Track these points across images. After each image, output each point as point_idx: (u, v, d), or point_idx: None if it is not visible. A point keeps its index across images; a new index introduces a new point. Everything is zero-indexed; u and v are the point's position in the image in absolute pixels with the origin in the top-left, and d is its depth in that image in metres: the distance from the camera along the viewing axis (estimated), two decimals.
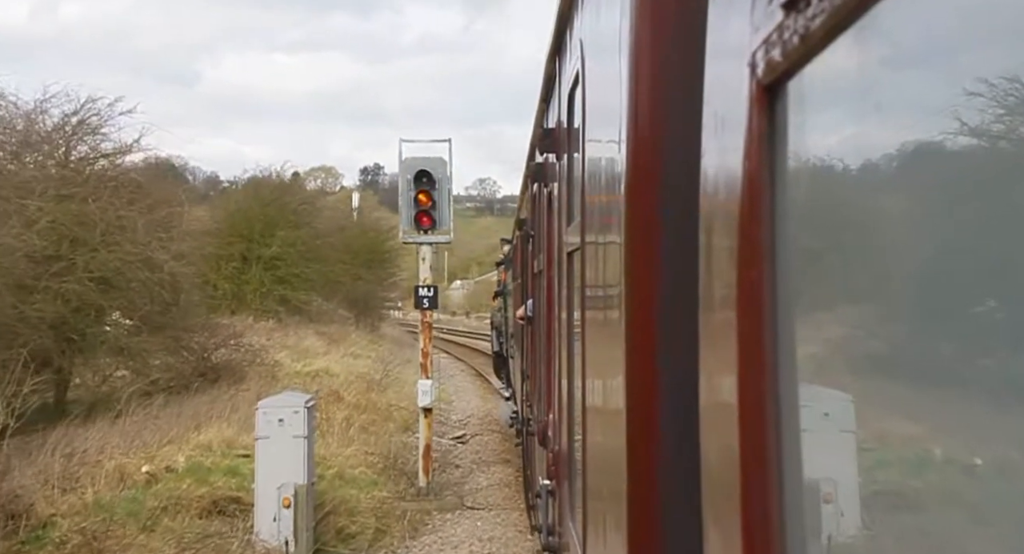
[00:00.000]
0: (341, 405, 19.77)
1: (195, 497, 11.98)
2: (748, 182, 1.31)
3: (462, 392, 29.01)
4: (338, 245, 40.93)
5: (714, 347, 1.53)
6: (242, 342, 24.74)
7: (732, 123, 1.39)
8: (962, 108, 0.86)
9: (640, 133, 2.13)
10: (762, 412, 1.25)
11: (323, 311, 39.28)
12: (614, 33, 2.38)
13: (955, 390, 0.93)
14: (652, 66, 2.10)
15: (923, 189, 1.01)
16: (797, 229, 1.24)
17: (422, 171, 13.85)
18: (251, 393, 20.58)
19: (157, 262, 20.39)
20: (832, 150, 1.18)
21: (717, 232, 1.51)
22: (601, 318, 2.71)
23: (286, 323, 33.95)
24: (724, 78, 1.49)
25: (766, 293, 1.25)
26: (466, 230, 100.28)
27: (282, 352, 28.51)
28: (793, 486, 1.21)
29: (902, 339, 1.04)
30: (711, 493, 1.56)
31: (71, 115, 21.94)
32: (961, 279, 0.92)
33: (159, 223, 21.43)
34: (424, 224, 13.92)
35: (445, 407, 25.79)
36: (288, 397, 12.08)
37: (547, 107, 5.86)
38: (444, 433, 21.26)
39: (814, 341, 1.25)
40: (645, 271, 2.08)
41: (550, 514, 4.72)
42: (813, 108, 1.21)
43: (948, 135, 0.90)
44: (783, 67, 1.19)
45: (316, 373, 26.06)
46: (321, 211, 42.16)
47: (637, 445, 2.08)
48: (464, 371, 36.44)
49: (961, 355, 0.92)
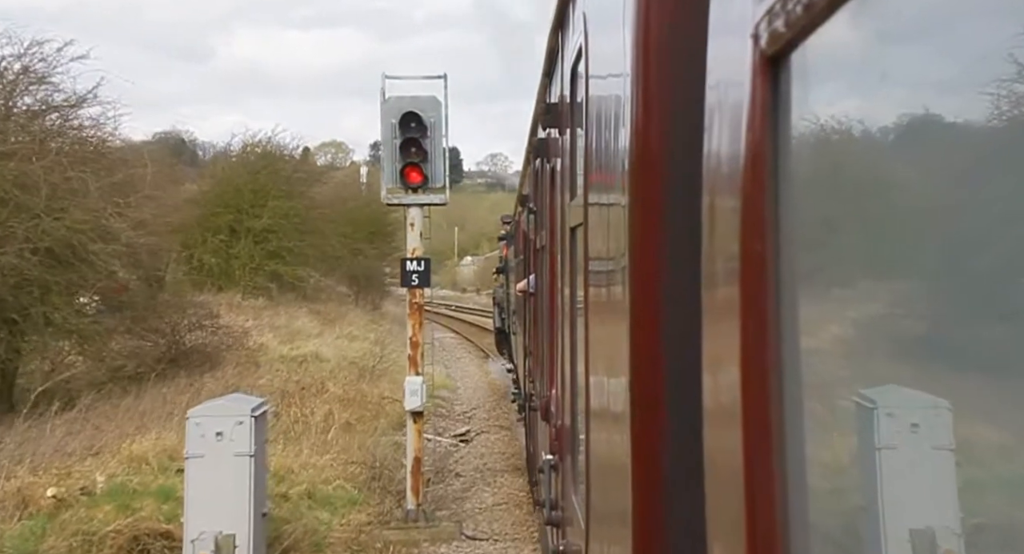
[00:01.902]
0: (324, 398, 17.01)
1: (111, 532, 9.23)
2: (751, 154, 1.32)
3: (468, 379, 26.19)
4: (338, 217, 37.94)
5: (717, 320, 1.54)
6: (219, 323, 21.92)
7: (735, 95, 1.40)
8: (968, 78, 0.87)
9: (644, 106, 2.11)
10: (765, 384, 1.26)
11: (320, 288, 36.43)
12: (618, 5, 2.35)
13: None
14: (656, 38, 2.09)
15: (929, 160, 1.00)
16: (800, 201, 1.24)
17: (410, 114, 10.94)
18: (220, 384, 17.85)
19: (113, 232, 17.59)
20: (836, 121, 1.18)
21: (720, 205, 1.52)
22: (605, 292, 2.70)
23: (278, 301, 31.17)
24: (727, 50, 1.50)
25: (770, 265, 1.26)
26: (478, 206, 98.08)
27: (269, 334, 25.81)
28: (795, 453, 1.22)
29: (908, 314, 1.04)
30: (714, 464, 1.57)
31: (12, 60, 18.95)
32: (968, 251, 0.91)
33: (116, 187, 18.55)
34: (412, 181, 11.03)
35: (448, 396, 23.14)
36: (230, 403, 9.21)
37: (550, 81, 5.80)
38: (444, 429, 18.49)
39: (816, 315, 1.24)
40: (649, 245, 2.07)
41: (553, 488, 4.70)
42: (817, 79, 1.21)
43: (954, 105, 0.90)
44: (787, 38, 1.20)
45: (303, 358, 23.40)
46: (319, 179, 39.18)
47: (641, 418, 2.08)
48: (472, 353, 33.61)
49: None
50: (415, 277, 11.21)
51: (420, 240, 11.31)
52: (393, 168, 11.03)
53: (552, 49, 5.31)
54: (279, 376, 19.62)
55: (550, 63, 5.58)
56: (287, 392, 17.27)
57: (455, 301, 65.75)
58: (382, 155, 11.18)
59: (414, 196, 11.19)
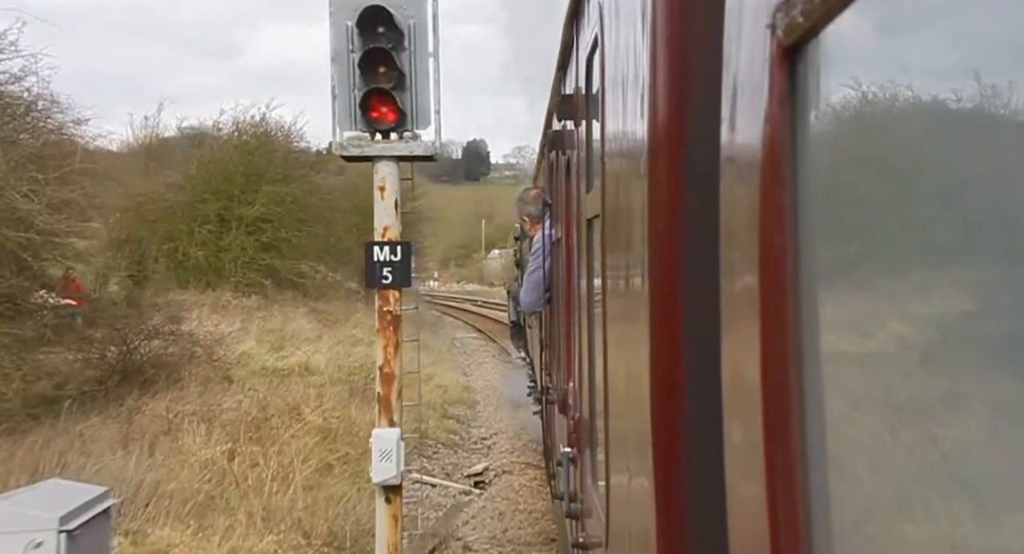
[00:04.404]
0: (296, 431, 12.97)
1: None
2: (769, 146, 1.31)
3: (490, 391, 21.98)
4: (346, 206, 33.78)
5: (736, 312, 1.53)
6: (182, 330, 17.84)
7: (753, 86, 1.39)
8: (992, 67, 0.85)
9: (662, 97, 2.09)
10: (785, 378, 1.25)
11: (326, 284, 32.27)
12: None
13: None
14: (673, 29, 2.05)
15: (950, 150, 0.98)
16: (820, 193, 1.23)
17: (375, 9, 6.90)
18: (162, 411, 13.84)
19: (24, 215, 13.66)
20: (855, 112, 1.16)
21: (739, 196, 1.51)
22: (623, 284, 2.67)
23: (273, 300, 27.19)
24: (744, 40, 1.48)
25: (789, 257, 1.25)
26: (506, 198, 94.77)
27: (253, 340, 21.87)
28: (816, 449, 1.20)
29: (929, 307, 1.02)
30: (734, 455, 1.56)
31: None
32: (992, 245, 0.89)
33: (33, 158, 14.58)
34: (380, 119, 6.97)
35: (465, 414, 19.12)
36: (32, 498, 5.13)
37: (564, 73, 5.75)
38: (455, 467, 14.43)
39: (836, 309, 1.23)
40: (668, 235, 2.05)
41: (571, 481, 4.61)
42: (835, 69, 1.19)
43: (977, 95, 0.88)
44: (804, 27, 1.18)
45: (290, 370, 19.46)
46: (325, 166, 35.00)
47: (661, 409, 2.06)
48: (496, 357, 29.37)
49: None
50: (387, 273, 7.13)
51: (396, 214, 7.22)
52: (349, 100, 6.94)
53: (567, 40, 5.24)
54: (252, 396, 15.66)
55: (564, 54, 5.53)
56: (252, 424, 13.31)
57: (482, 296, 62.31)
58: (331, 81, 7.10)
59: (384, 145, 7.08)
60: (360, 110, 6.87)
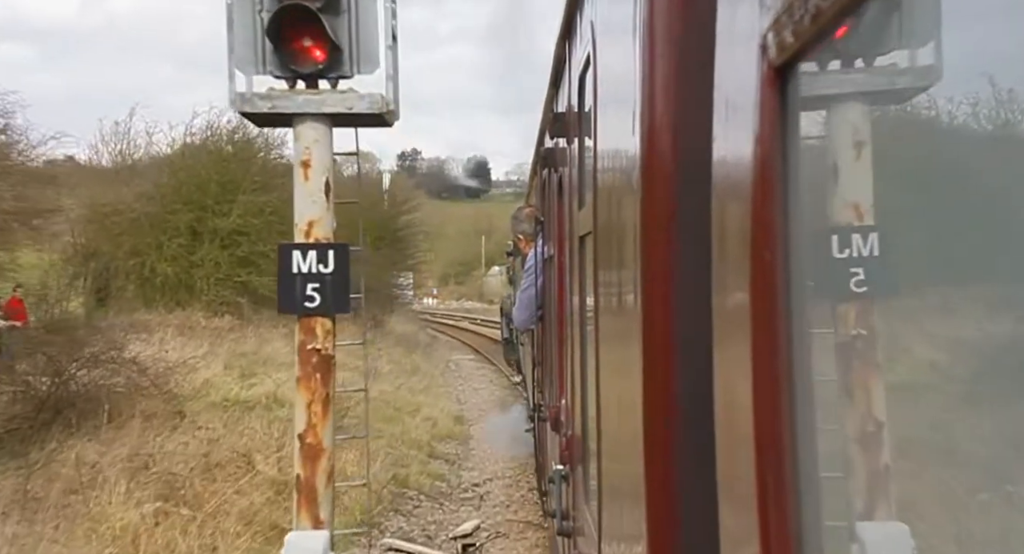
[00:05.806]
0: (243, 485, 10.59)
1: None
2: (760, 165, 1.32)
3: (486, 425, 19.58)
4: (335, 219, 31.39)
5: (728, 331, 1.53)
6: (122, 356, 15.32)
7: (744, 105, 1.40)
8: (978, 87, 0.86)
9: (654, 116, 2.09)
10: (777, 396, 1.25)
11: None
12: (626, 14, 2.34)
13: None
14: (665, 47, 2.06)
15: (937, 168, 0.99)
16: (809, 211, 1.24)
17: None
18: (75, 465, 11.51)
19: None
20: (845, 131, 1.17)
21: (730, 214, 1.51)
22: (615, 300, 2.66)
23: (249, 319, 24.71)
24: (735, 59, 1.49)
25: (779, 276, 1.27)
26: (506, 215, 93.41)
27: (221, 365, 19.45)
28: (807, 468, 1.21)
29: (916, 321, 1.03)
30: (727, 473, 1.55)
31: None
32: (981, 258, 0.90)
33: None
34: (306, 58, 4.62)
35: (455, 453, 16.81)
36: None
37: (556, 91, 5.72)
38: (441, 524, 12.02)
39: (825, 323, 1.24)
40: (661, 254, 2.04)
41: (564, 499, 4.60)
42: (825, 89, 1.21)
43: (963, 115, 0.88)
44: (794, 48, 1.20)
45: (255, 402, 16.95)
46: None
47: (653, 427, 2.05)
48: (495, 383, 26.95)
49: None
50: (312, 291, 4.71)
51: (327, 203, 4.82)
52: (255, 26, 4.58)
53: (559, 58, 5.22)
54: (202, 436, 13.25)
55: (557, 72, 5.49)
56: (191, 475, 10.94)
57: (481, 314, 60.21)
58: (227, 11, 4.68)
59: (309, 97, 4.71)
60: (271, 43, 4.48)
